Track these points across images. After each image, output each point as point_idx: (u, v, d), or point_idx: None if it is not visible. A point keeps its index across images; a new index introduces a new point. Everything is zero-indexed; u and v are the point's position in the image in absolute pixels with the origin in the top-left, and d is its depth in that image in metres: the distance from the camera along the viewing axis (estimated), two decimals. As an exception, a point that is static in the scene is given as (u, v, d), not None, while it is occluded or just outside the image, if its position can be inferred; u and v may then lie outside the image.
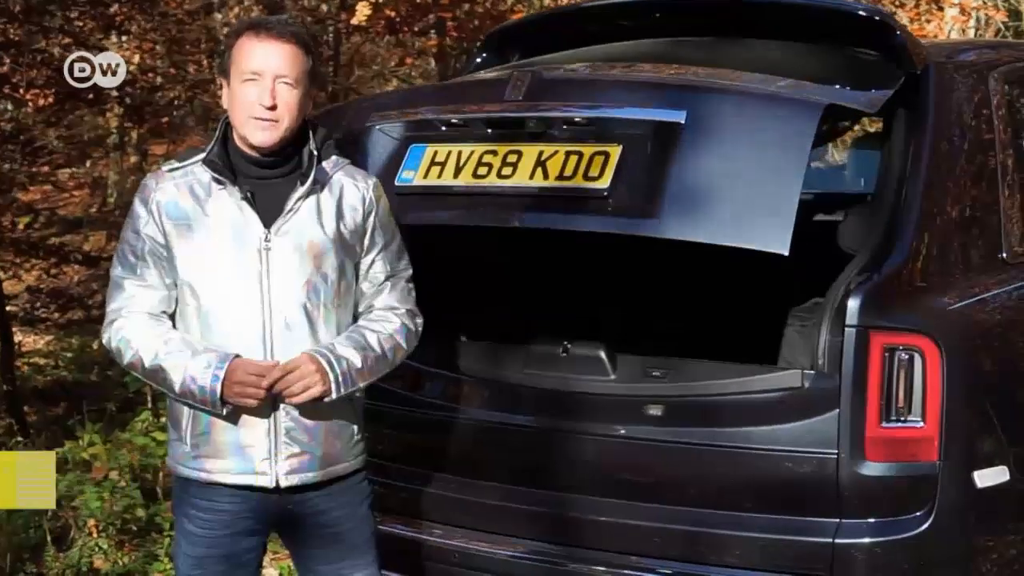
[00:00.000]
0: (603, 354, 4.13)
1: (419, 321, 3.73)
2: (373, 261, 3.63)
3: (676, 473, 3.99)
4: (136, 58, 9.91)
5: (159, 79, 10.03)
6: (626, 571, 4.03)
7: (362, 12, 9.04)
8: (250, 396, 3.39)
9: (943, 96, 4.35)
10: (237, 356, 3.41)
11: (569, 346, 4.19)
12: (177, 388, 3.43)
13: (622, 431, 4.05)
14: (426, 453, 4.34)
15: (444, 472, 4.32)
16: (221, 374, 3.37)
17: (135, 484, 6.09)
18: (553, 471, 4.15)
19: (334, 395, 3.46)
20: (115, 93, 8.22)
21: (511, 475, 4.22)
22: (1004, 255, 4.25)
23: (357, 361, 3.50)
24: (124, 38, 9.95)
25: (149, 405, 8.05)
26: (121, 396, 8.24)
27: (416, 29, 10.71)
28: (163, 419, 7.35)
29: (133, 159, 15.04)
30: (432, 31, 10.77)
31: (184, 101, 10.57)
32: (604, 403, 4.11)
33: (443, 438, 4.33)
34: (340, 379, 3.45)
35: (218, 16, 12.01)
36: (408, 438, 4.40)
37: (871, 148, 4.98)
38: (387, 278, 3.65)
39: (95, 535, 5.70)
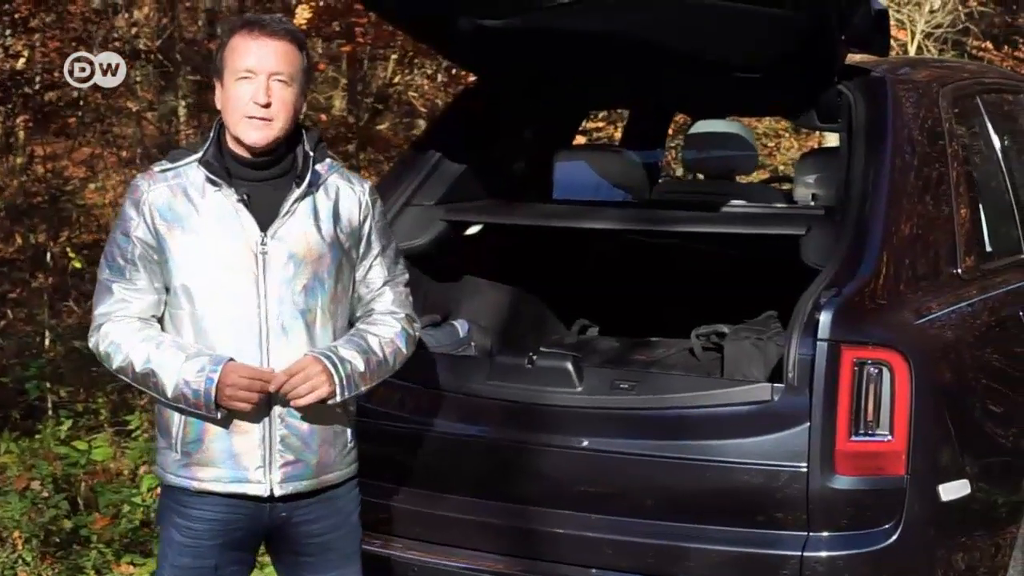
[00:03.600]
0: (569, 366, 4.09)
1: (417, 326, 3.69)
2: (371, 266, 3.58)
3: (643, 486, 3.97)
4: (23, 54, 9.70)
5: (61, 77, 9.78)
6: (591, 585, 4.00)
7: (302, 15, 8.93)
8: (243, 399, 3.32)
9: (899, 111, 4.43)
10: (231, 359, 3.34)
11: (535, 358, 4.15)
12: (169, 392, 3.34)
13: (588, 443, 4.02)
14: (385, 465, 4.26)
15: (404, 484, 4.25)
16: (215, 376, 3.30)
17: (61, 495, 5.91)
18: (517, 483, 4.11)
19: (339, 397, 3.40)
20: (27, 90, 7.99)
21: (474, 487, 4.17)
22: (959, 270, 4.32)
23: (360, 364, 3.44)
24: (31, 35, 9.70)
25: (50, 413, 7.86)
26: (24, 403, 8.00)
27: (323, 36, 10.62)
28: (63, 428, 7.20)
29: (19, 160, 14.64)
30: (340, 39, 10.68)
31: (85, 101, 10.34)
32: (570, 415, 4.08)
33: (403, 450, 4.27)
34: (345, 381, 3.40)
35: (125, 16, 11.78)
36: (366, 450, 4.31)
37: (820, 162, 5.02)
38: (385, 283, 3.60)
39: (19, 547, 5.52)
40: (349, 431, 3.57)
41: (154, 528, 5.81)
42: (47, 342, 9.39)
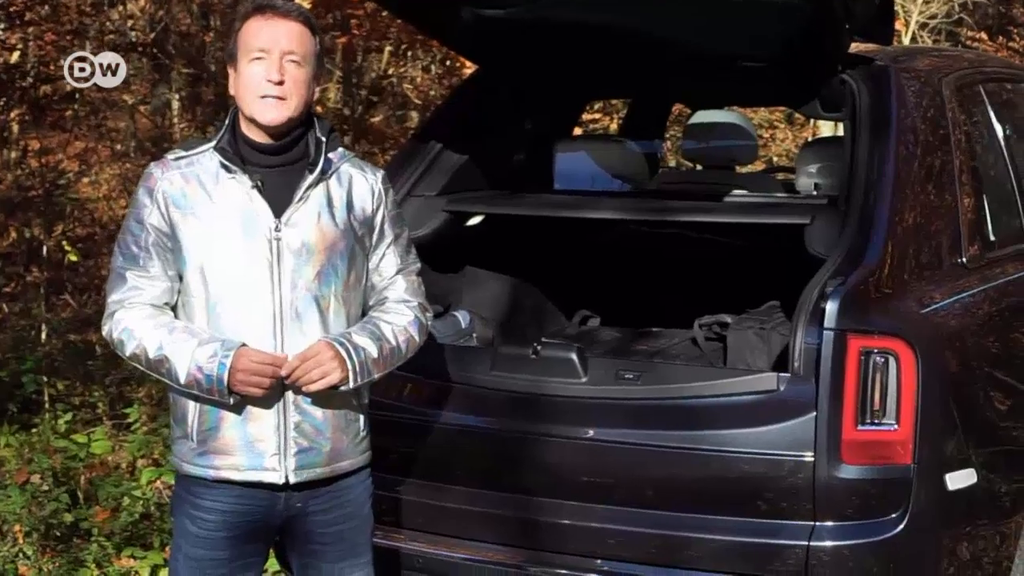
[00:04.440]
0: (574, 356, 4.08)
1: (429, 315, 3.68)
2: (384, 255, 3.57)
3: (649, 476, 3.97)
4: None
5: (57, 70, 9.76)
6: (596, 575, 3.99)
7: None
8: (256, 385, 3.31)
9: (903, 100, 4.42)
10: (244, 344, 3.33)
11: (539, 348, 4.14)
12: (182, 378, 3.33)
13: (593, 434, 4.01)
14: (389, 456, 4.24)
15: (408, 475, 4.24)
16: (228, 362, 3.29)
17: (61, 488, 5.89)
18: (522, 474, 4.10)
19: (351, 384, 3.39)
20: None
21: (478, 478, 4.16)
22: (963, 259, 4.31)
23: (373, 351, 3.44)
24: (26, 29, 9.67)
25: (47, 406, 7.84)
26: (20, 397, 7.97)
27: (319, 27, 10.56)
28: (61, 422, 7.18)
29: (14, 154, 14.59)
30: (335, 30, 10.64)
31: (80, 94, 10.30)
32: (575, 406, 4.06)
33: (407, 441, 4.25)
34: (358, 368, 3.39)
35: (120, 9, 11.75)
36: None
37: (822, 152, 5.01)
38: (398, 271, 3.59)
39: (21, 541, 5.50)
40: (362, 419, 3.56)
41: (154, 521, 5.80)
42: (43, 336, 9.37)
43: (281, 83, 3.34)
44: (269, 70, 3.34)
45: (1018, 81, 5.48)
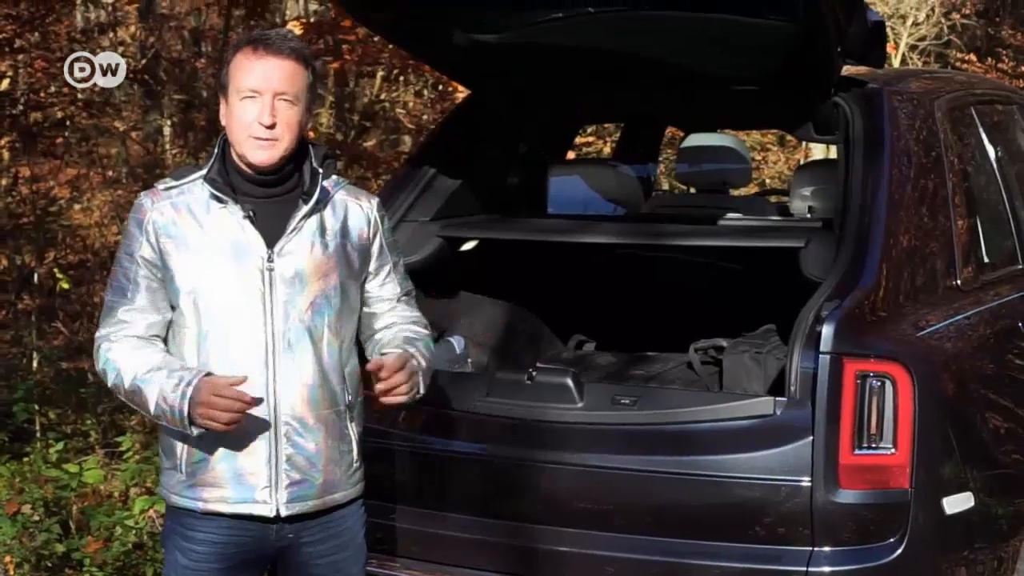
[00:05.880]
0: (570, 382, 4.06)
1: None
2: (384, 283, 3.57)
3: (645, 502, 3.94)
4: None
5: (47, 98, 9.79)
6: (594, 603, 3.96)
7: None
8: (214, 419, 3.24)
9: (896, 123, 4.42)
10: (208, 374, 3.28)
11: (535, 373, 4.12)
12: (152, 409, 3.31)
13: (590, 460, 3.99)
14: (383, 483, 4.22)
15: (403, 503, 4.21)
16: (189, 392, 3.25)
17: (53, 519, 5.85)
18: (517, 501, 4.07)
19: (418, 395, 3.44)
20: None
21: (473, 505, 4.13)
22: (957, 282, 4.30)
23: (424, 363, 3.49)
24: (16, 56, 9.69)
25: (39, 435, 7.80)
26: (12, 426, 7.92)
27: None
28: (53, 451, 7.13)
29: (4, 181, 14.58)
30: (327, 56, 10.65)
31: (71, 121, 10.33)
32: (571, 431, 4.04)
33: (402, 468, 4.22)
34: (421, 379, 3.44)
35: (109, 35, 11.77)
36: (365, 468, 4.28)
37: (816, 175, 5.01)
38: (399, 298, 3.61)
39: (11, 572, 5.45)
40: (355, 451, 3.53)
41: (147, 551, 5.76)
42: (35, 364, 9.33)
43: (273, 126, 3.31)
44: (261, 113, 3.31)
45: (1008, 103, 5.50)
